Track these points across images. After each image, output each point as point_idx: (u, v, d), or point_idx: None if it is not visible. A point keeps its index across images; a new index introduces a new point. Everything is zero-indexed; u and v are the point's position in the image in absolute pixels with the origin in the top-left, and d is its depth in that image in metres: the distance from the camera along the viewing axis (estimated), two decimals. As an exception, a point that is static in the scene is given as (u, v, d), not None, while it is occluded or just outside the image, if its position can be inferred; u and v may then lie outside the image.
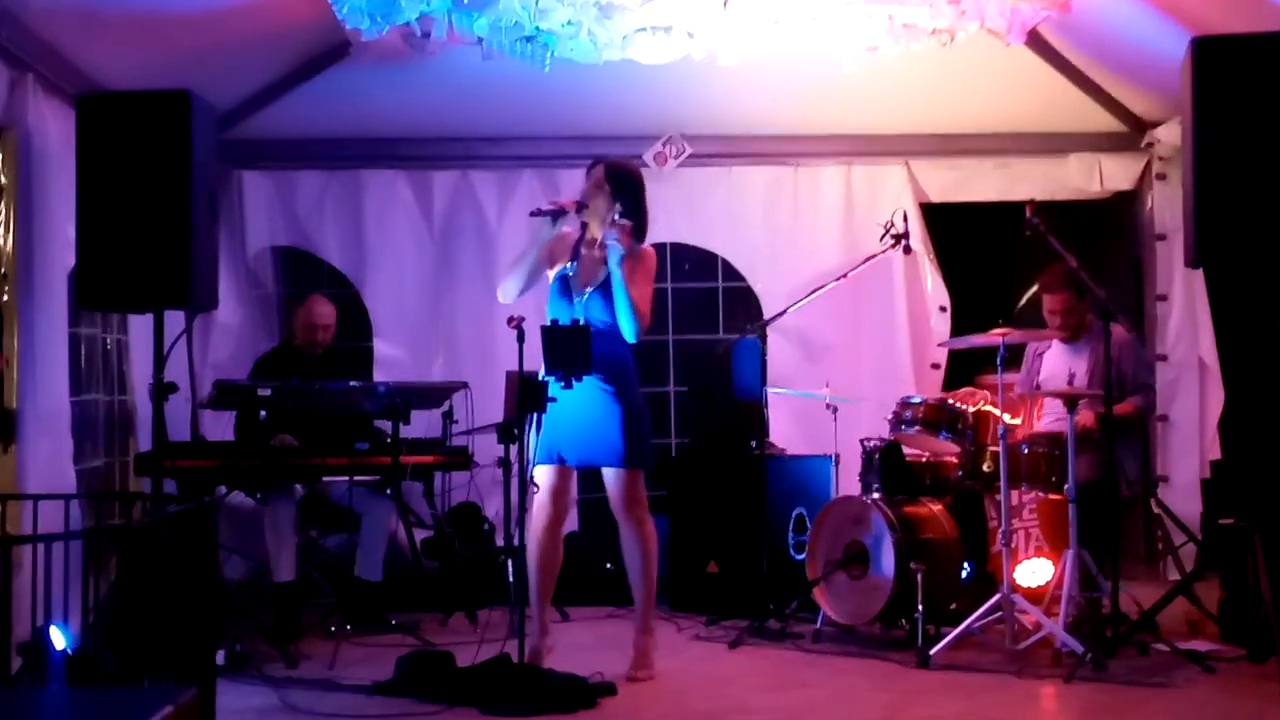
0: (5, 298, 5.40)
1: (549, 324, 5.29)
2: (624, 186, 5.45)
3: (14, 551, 4.57)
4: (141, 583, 3.65)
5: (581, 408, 5.29)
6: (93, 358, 6.52)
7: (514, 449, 5.31)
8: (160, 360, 5.18)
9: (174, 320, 5.28)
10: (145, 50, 6.12)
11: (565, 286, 5.42)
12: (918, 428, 6.14)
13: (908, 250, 6.78)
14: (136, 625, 3.59)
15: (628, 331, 5.33)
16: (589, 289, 5.39)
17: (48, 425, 5.55)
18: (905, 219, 6.65)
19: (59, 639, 4.30)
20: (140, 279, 5.02)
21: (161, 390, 5.15)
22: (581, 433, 5.35)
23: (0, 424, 5.30)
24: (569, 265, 5.43)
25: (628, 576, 5.57)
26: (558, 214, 5.37)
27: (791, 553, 6.68)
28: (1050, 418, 6.32)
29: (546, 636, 5.51)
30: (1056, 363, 6.39)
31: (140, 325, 6.62)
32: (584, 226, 5.44)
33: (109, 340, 6.74)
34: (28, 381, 5.40)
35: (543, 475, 5.36)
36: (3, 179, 5.43)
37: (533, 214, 5.42)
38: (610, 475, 5.42)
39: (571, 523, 7.47)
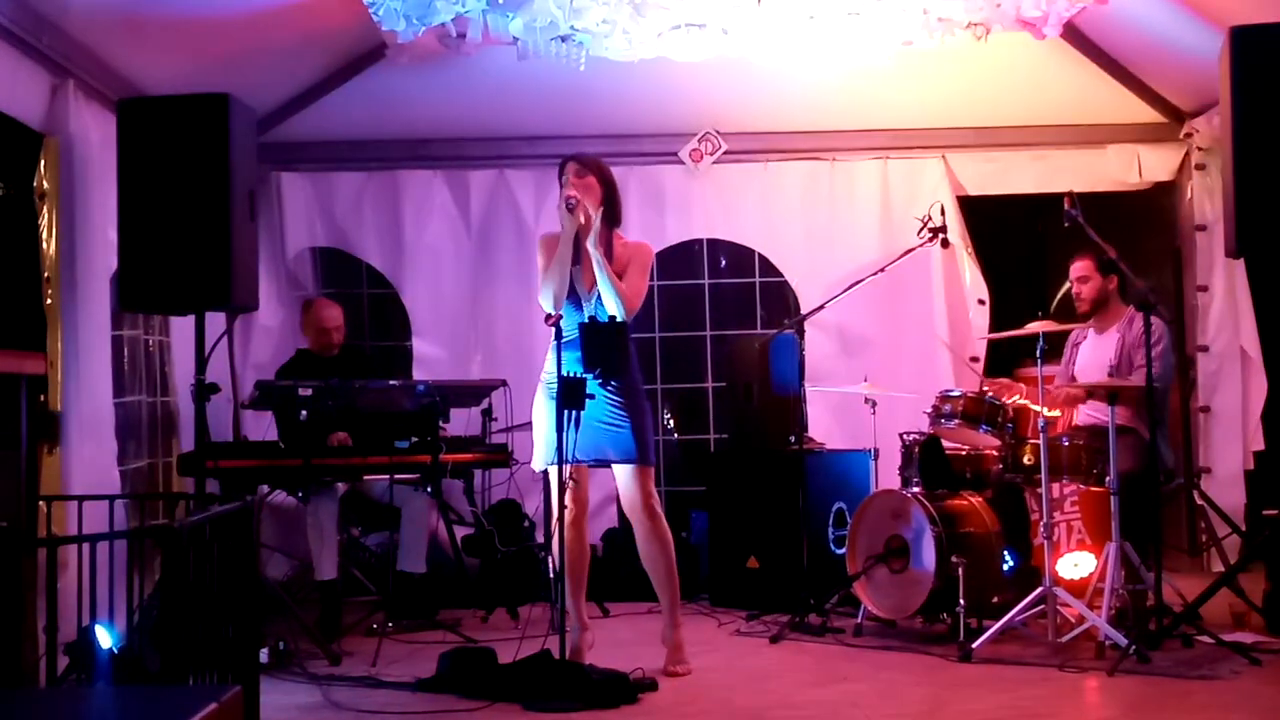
0: (49, 301, 5.45)
1: (587, 321, 5.31)
2: (600, 174, 5.46)
3: (60, 552, 4.64)
4: (185, 582, 3.68)
5: (590, 406, 5.27)
6: (135, 359, 6.57)
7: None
8: (202, 361, 5.22)
9: (215, 322, 5.33)
10: (184, 55, 6.18)
11: (571, 289, 5.41)
12: (957, 421, 6.11)
13: (945, 243, 6.75)
14: (181, 624, 3.63)
15: (616, 309, 5.31)
16: (594, 290, 5.41)
17: (92, 427, 5.60)
18: (943, 212, 6.63)
19: (104, 638, 4.35)
20: (181, 281, 5.06)
21: (203, 391, 5.20)
22: (591, 430, 5.31)
23: (45, 426, 5.35)
24: (572, 269, 5.42)
25: (650, 576, 5.55)
26: (575, 205, 5.35)
27: (831, 547, 6.68)
28: (1086, 410, 6.30)
29: (586, 632, 5.53)
30: (1089, 353, 6.38)
31: (182, 327, 6.68)
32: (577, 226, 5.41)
33: (151, 342, 6.79)
34: (71, 384, 5.45)
35: (556, 474, 5.34)
36: (46, 184, 5.47)
37: (568, 208, 5.37)
38: (623, 473, 5.42)
39: (610, 519, 7.52)
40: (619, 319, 5.32)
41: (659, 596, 5.58)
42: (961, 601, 5.67)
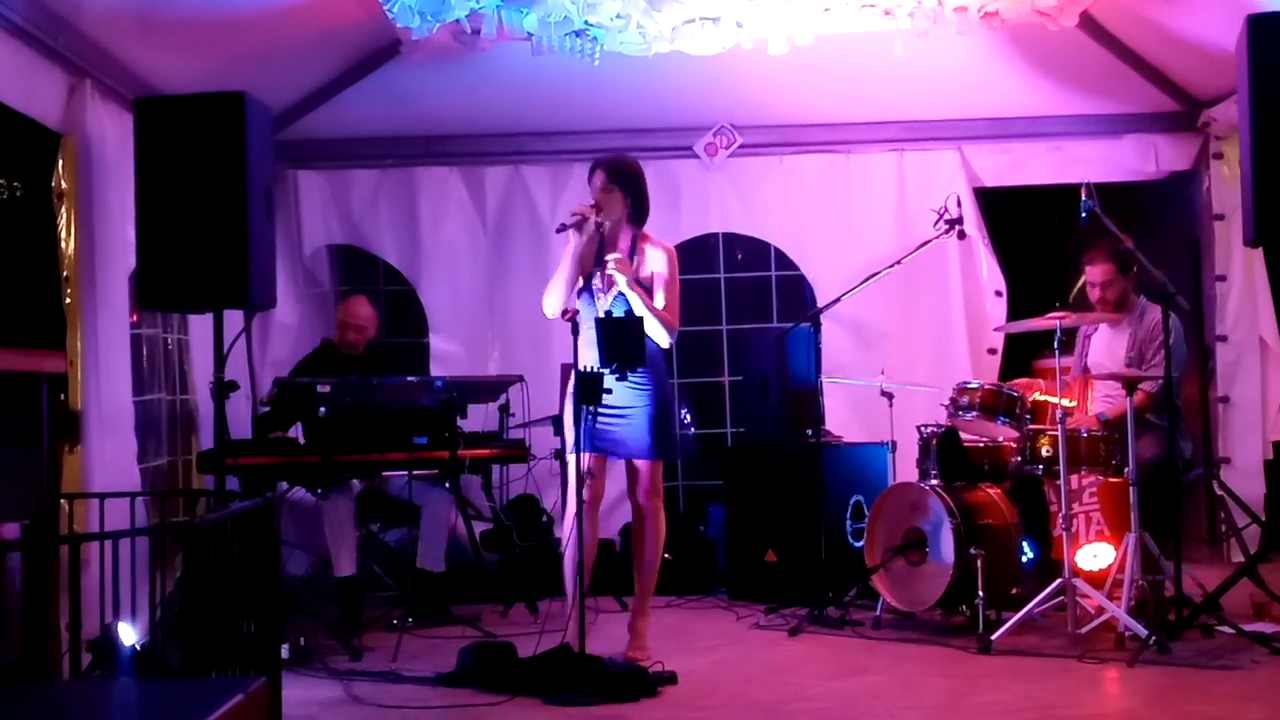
0: (69, 300, 5.48)
1: (603, 316, 5.33)
2: (628, 182, 5.59)
3: (82, 549, 4.65)
4: (207, 579, 3.70)
5: (613, 399, 5.33)
6: (154, 358, 6.59)
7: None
8: (220, 359, 5.24)
9: (233, 320, 5.35)
10: (200, 54, 6.19)
11: (591, 290, 5.50)
12: (975, 413, 6.11)
13: (962, 235, 6.73)
14: (202, 621, 3.64)
15: (661, 340, 5.48)
16: (610, 292, 5.47)
17: (112, 425, 5.63)
18: (959, 204, 6.62)
19: (127, 635, 4.38)
20: (199, 279, 5.09)
21: (222, 389, 5.22)
22: (611, 423, 5.41)
23: (66, 425, 5.37)
24: (594, 272, 5.51)
25: (634, 561, 5.66)
26: (581, 222, 5.44)
27: (850, 540, 6.67)
28: (1100, 402, 6.29)
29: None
30: (1101, 346, 6.38)
31: (200, 325, 6.70)
32: (600, 231, 5.50)
33: (170, 340, 6.82)
34: (92, 382, 5.47)
35: (582, 463, 5.36)
36: (64, 184, 5.50)
37: (559, 230, 5.52)
38: (636, 465, 5.52)
39: (627, 514, 7.50)
40: (664, 344, 5.51)
41: (636, 585, 5.64)
42: (980, 593, 5.67)
